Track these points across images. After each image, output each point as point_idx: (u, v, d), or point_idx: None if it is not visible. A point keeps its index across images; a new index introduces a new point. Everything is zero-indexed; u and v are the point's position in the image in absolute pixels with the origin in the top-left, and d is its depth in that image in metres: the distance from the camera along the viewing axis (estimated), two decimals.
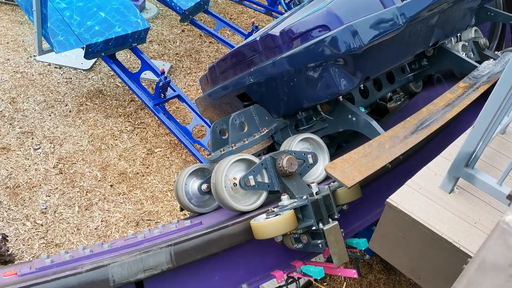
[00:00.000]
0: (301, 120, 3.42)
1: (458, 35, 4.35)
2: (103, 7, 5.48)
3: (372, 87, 3.72)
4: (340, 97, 3.12)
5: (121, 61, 6.00)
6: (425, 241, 2.18)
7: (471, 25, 4.20)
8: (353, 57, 2.83)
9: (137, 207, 4.96)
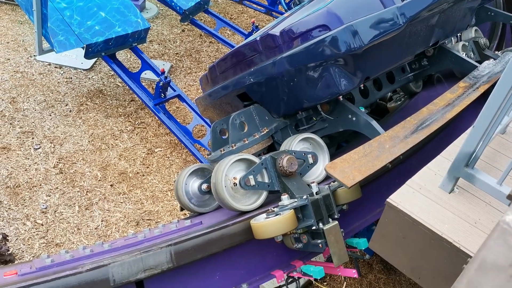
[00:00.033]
0: (301, 120, 3.42)
1: (458, 35, 4.34)
2: (103, 7, 5.48)
3: (372, 87, 3.72)
4: (340, 97, 3.12)
5: (121, 61, 6.00)
6: (425, 241, 2.18)
7: (471, 25, 4.20)
8: (353, 57, 2.83)
9: (137, 207, 4.96)
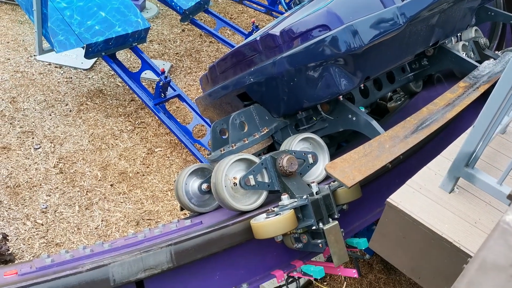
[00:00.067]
0: (301, 119, 3.42)
1: (458, 34, 4.34)
2: (103, 7, 5.48)
3: (372, 86, 3.72)
4: (340, 97, 3.12)
5: (122, 60, 6.00)
6: (425, 241, 2.18)
7: (471, 24, 4.20)
8: (353, 56, 2.83)
9: (137, 207, 4.96)
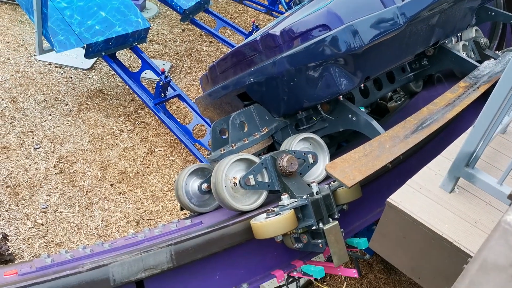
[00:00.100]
0: (301, 119, 3.42)
1: (458, 34, 4.34)
2: (103, 7, 5.48)
3: (372, 86, 3.72)
4: (340, 97, 3.12)
5: (122, 60, 6.00)
6: (426, 241, 2.18)
7: (471, 24, 4.20)
8: (353, 56, 2.83)
9: (137, 207, 4.96)
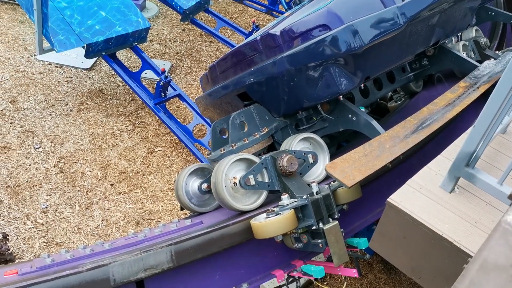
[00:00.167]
0: (301, 119, 3.42)
1: (458, 34, 4.34)
2: (103, 6, 5.48)
3: (372, 86, 3.72)
4: (340, 97, 3.12)
5: (122, 60, 6.00)
6: (426, 241, 2.18)
7: (471, 24, 4.20)
8: (353, 56, 2.82)
9: (137, 206, 4.96)
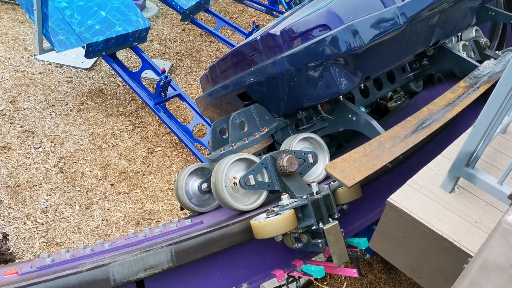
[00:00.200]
0: (301, 119, 3.42)
1: (458, 34, 4.34)
2: (103, 6, 5.48)
3: (372, 86, 3.72)
4: (340, 97, 3.12)
5: (122, 60, 6.00)
6: (426, 241, 2.18)
7: (471, 24, 4.20)
8: (353, 56, 2.82)
9: (137, 206, 4.96)
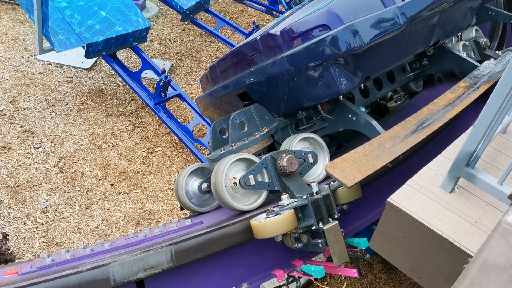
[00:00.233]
0: (301, 119, 3.42)
1: (458, 34, 4.34)
2: (103, 6, 5.48)
3: (372, 86, 3.72)
4: (340, 97, 3.12)
5: (122, 60, 6.00)
6: (426, 241, 2.18)
7: (471, 24, 4.20)
8: (353, 56, 2.82)
9: (137, 206, 4.96)
